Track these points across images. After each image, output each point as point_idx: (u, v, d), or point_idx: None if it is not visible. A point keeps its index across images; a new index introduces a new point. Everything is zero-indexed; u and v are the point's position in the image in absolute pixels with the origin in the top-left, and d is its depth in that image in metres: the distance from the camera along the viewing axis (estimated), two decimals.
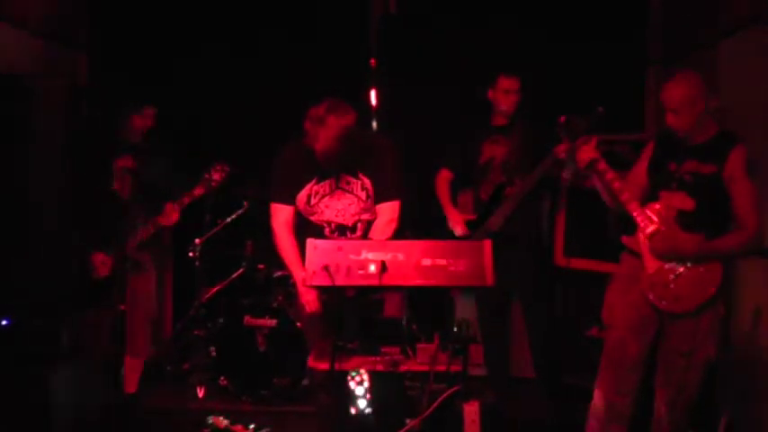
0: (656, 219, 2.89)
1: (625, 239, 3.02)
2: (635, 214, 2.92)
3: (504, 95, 3.81)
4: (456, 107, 4.50)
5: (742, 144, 2.83)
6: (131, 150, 3.63)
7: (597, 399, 3.04)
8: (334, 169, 2.96)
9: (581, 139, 2.97)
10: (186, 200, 3.63)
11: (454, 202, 4.06)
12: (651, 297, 2.88)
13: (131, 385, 3.71)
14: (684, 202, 2.86)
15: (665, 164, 2.94)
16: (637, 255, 2.96)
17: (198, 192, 3.63)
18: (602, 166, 2.93)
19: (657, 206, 2.92)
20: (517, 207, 3.74)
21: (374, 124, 4.43)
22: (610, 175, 2.94)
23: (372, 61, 4.18)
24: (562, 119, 3.03)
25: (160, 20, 4.68)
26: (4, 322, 3.18)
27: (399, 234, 3.01)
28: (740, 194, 2.78)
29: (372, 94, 4.26)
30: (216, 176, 3.63)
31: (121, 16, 4.65)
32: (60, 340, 3.28)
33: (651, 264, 2.89)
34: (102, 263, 3.46)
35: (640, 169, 3.05)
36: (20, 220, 3.12)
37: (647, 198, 2.97)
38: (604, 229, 3.80)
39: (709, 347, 2.84)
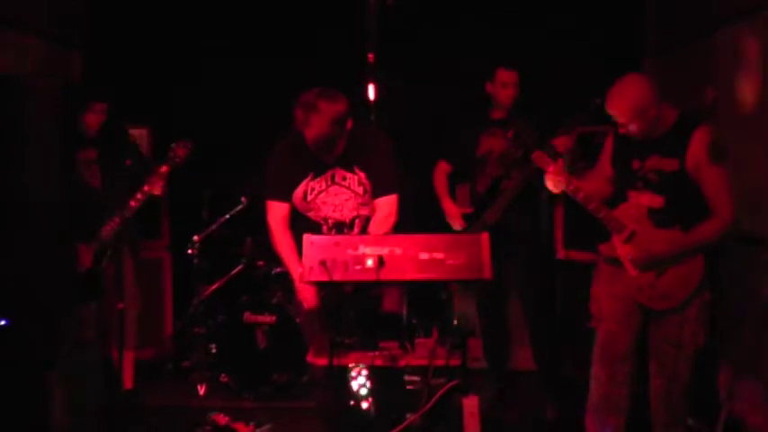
0: (627, 221, 2.85)
1: (602, 248, 2.97)
2: (606, 221, 2.88)
3: (503, 88, 3.80)
4: (454, 100, 4.49)
5: (702, 128, 2.74)
6: (91, 143, 3.66)
7: (594, 391, 3.04)
8: (326, 159, 2.94)
9: (550, 162, 2.94)
10: (161, 175, 3.62)
11: (452, 195, 4.06)
12: (642, 300, 2.85)
13: (128, 381, 3.71)
14: (653, 200, 2.81)
15: (629, 161, 2.87)
16: (615, 261, 2.92)
17: (164, 169, 3.62)
18: (572, 187, 2.88)
19: (627, 207, 2.87)
20: (514, 200, 3.73)
21: (372, 119, 4.41)
22: (581, 195, 2.88)
23: (370, 56, 4.16)
24: (510, 133, 3.00)
25: (155, 18, 4.67)
26: (2, 322, 3.17)
27: (399, 225, 3.01)
28: (709, 181, 2.71)
29: (371, 88, 4.24)
30: (180, 153, 3.62)
31: (117, 15, 4.64)
32: (60, 339, 3.27)
33: (632, 268, 2.87)
34: (85, 252, 3.46)
35: (604, 165, 3.00)
36: (16, 219, 3.11)
37: (615, 198, 2.92)
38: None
39: (698, 335, 2.83)
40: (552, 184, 2.95)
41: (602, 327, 3.01)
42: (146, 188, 3.55)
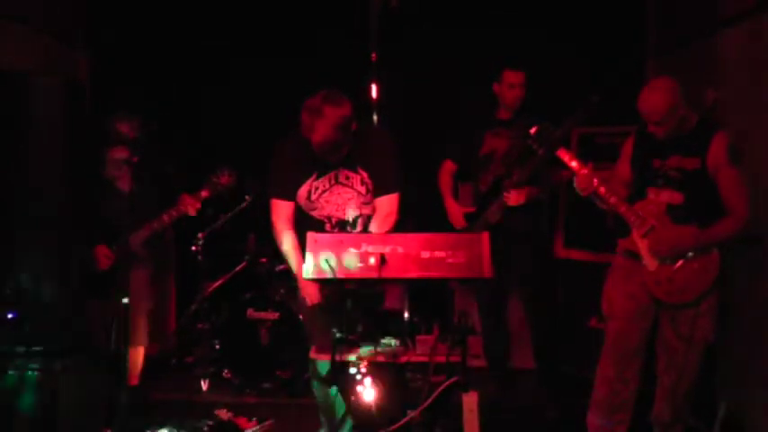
0: (647, 216, 2.94)
1: (621, 242, 3.05)
2: (627, 216, 2.96)
3: (509, 89, 3.83)
4: (457, 100, 4.51)
5: (722, 131, 2.88)
6: (127, 143, 3.66)
7: (600, 388, 3.09)
8: (331, 161, 2.97)
9: (573, 158, 2.98)
10: (199, 198, 3.66)
11: (456, 194, 4.08)
12: (659, 294, 2.93)
13: (134, 378, 3.75)
14: (672, 196, 2.92)
15: (649, 160, 2.98)
16: (634, 255, 2.98)
17: (204, 194, 3.67)
18: (603, 191, 2.97)
19: (646, 203, 2.96)
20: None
21: (375, 118, 4.44)
22: (604, 189, 2.97)
23: (373, 55, 4.18)
24: (533, 129, 3.05)
25: (160, 17, 4.70)
26: (10, 315, 3.21)
27: (401, 224, 3.04)
28: (726, 182, 2.84)
29: (373, 87, 4.27)
30: (223, 180, 3.68)
31: (122, 14, 4.66)
32: (65, 335, 3.31)
33: (651, 262, 2.93)
34: (105, 256, 3.48)
35: (623, 166, 3.09)
36: (22, 215, 3.15)
37: (635, 196, 3.01)
38: (604, 221, 3.81)
39: (708, 330, 2.91)
40: (584, 184, 2.99)
41: (613, 324, 3.07)
42: (181, 207, 3.58)
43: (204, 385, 4.13)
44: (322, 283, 2.83)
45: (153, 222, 3.59)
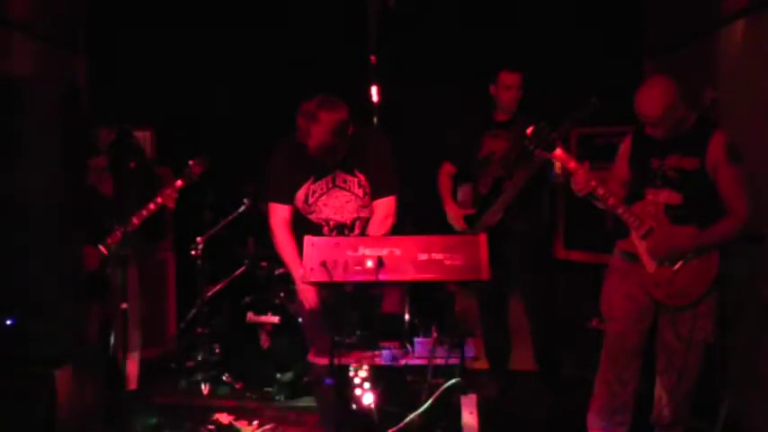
0: (645, 217, 2.91)
1: (620, 243, 3.03)
2: (625, 217, 2.94)
3: (506, 91, 3.82)
4: (456, 102, 4.51)
5: (721, 130, 2.85)
6: (105, 152, 3.70)
7: (600, 390, 3.08)
8: (328, 165, 2.97)
9: (571, 160, 2.96)
10: (175, 189, 3.68)
11: (455, 196, 4.08)
12: (659, 296, 2.91)
13: (132, 382, 3.75)
14: (671, 197, 2.89)
15: (647, 160, 2.95)
16: (631, 256, 2.97)
17: (179, 184, 3.68)
18: (601, 191, 2.93)
19: (644, 204, 2.94)
20: (515, 201, 3.74)
21: (375, 120, 4.44)
22: (602, 191, 2.94)
23: (373, 58, 4.18)
24: (529, 130, 3.03)
25: (159, 22, 4.71)
26: (8, 322, 3.22)
27: (400, 227, 3.03)
28: (726, 181, 2.82)
29: (373, 90, 4.26)
30: (196, 170, 3.69)
31: (120, 17, 4.67)
32: (63, 339, 3.31)
33: (650, 263, 2.91)
34: (91, 255, 3.50)
35: (621, 166, 3.07)
36: (19, 221, 3.16)
37: (632, 196, 2.99)
38: (604, 222, 3.81)
39: (707, 331, 2.90)
40: (581, 184, 2.95)
41: (612, 326, 3.06)
42: (159, 200, 3.60)
43: (204, 389, 4.13)
44: (320, 286, 2.83)
45: (132, 219, 3.60)
